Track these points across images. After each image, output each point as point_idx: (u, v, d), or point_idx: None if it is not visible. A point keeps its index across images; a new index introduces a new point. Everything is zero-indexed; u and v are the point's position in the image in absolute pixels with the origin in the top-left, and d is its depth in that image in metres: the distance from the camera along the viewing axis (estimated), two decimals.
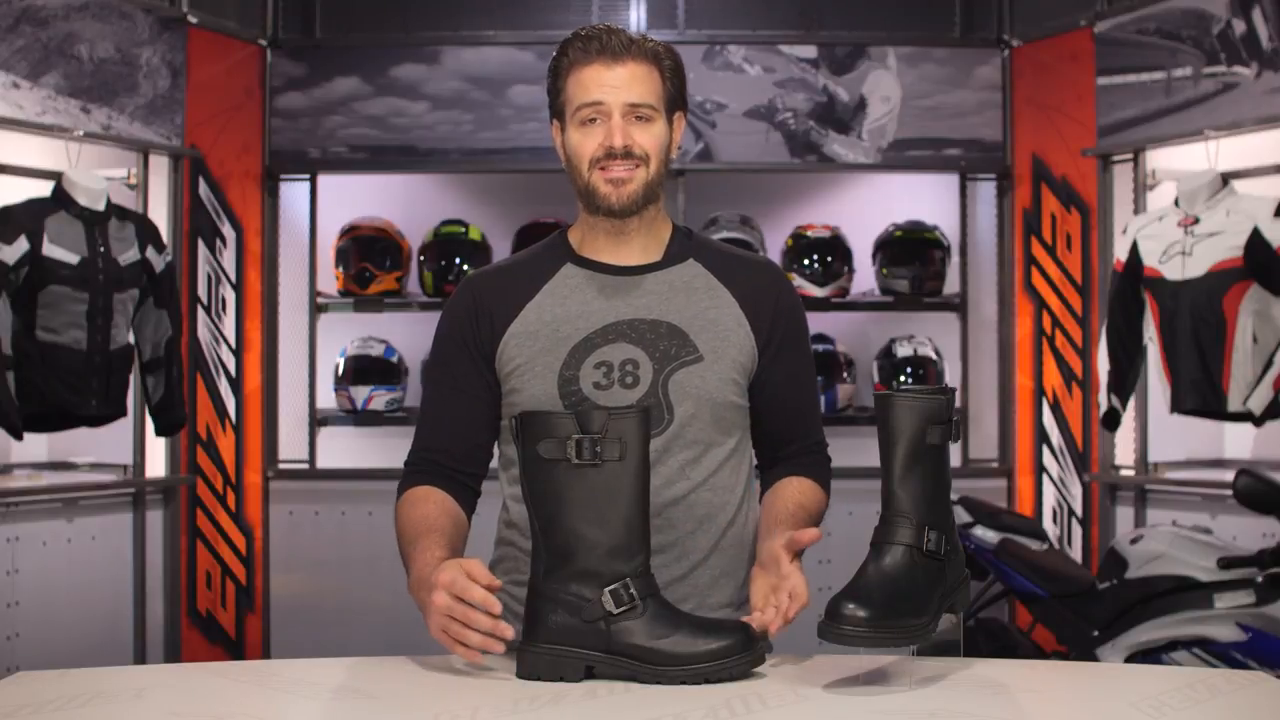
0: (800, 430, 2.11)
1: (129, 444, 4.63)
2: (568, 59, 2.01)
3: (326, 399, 5.20)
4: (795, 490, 2.04)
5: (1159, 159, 4.67)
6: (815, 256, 5.14)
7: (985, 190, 5.30)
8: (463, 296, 2.09)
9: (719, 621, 1.81)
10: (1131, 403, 4.49)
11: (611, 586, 1.74)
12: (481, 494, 2.09)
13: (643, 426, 1.76)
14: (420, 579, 1.85)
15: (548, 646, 1.75)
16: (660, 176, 2.02)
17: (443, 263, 5.12)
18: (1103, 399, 4.41)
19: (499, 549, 2.10)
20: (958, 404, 4.18)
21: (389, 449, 5.22)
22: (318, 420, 5.21)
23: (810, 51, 5.19)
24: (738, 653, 1.72)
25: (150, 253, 4.31)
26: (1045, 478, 5.06)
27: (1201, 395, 4.14)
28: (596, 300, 2.03)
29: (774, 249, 5.22)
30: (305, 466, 5.20)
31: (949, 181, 5.33)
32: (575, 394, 1.98)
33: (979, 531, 4.11)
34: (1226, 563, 3.57)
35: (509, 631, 1.75)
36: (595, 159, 1.99)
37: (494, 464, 2.12)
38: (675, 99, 2.04)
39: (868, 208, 5.34)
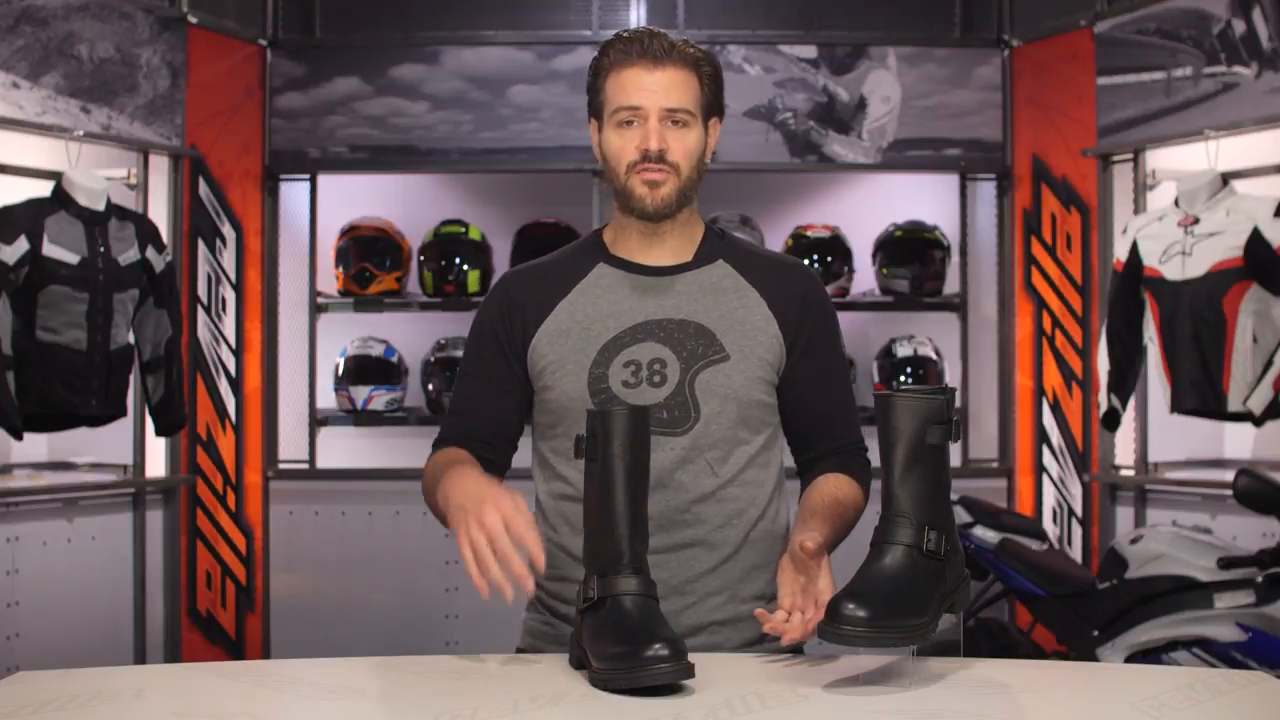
0: (833, 430, 2.13)
1: (129, 444, 4.63)
2: (608, 60, 2.06)
3: (326, 399, 5.20)
4: (831, 485, 2.05)
5: (1159, 159, 4.67)
6: (815, 256, 5.14)
7: (985, 190, 5.30)
8: (497, 294, 2.13)
9: (658, 634, 1.68)
10: (1131, 403, 4.49)
11: (582, 583, 1.78)
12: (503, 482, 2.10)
13: (629, 426, 1.76)
14: (472, 495, 1.81)
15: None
16: (694, 182, 2.05)
17: (443, 263, 5.12)
18: (1103, 399, 4.41)
19: None
20: (958, 404, 4.20)
21: (389, 449, 5.24)
22: (318, 420, 5.21)
23: (810, 51, 5.19)
24: (652, 664, 1.64)
25: (150, 253, 4.31)
26: (1045, 478, 5.06)
27: (1201, 395, 4.14)
28: (627, 300, 2.06)
29: (774, 249, 5.20)
30: (305, 466, 5.20)
31: (949, 181, 5.33)
32: (604, 392, 2.00)
33: (979, 531, 4.11)
34: (1226, 563, 3.57)
35: (532, 586, 1.74)
36: (632, 162, 2.02)
37: (527, 462, 2.15)
38: (713, 105, 2.08)
39: (868, 208, 5.34)
